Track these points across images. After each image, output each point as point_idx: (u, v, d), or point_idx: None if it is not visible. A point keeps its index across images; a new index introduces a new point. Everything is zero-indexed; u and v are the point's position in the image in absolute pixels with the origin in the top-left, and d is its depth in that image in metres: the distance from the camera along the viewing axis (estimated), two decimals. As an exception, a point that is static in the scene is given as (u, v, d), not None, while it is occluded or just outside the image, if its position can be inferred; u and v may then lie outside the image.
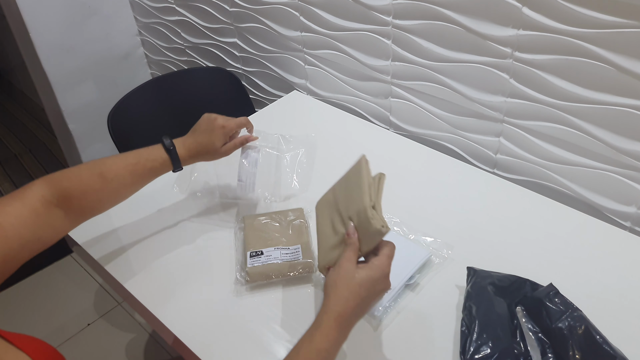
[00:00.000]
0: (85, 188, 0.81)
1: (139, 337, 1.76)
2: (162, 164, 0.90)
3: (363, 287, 0.67)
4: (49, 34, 1.73)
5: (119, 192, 0.86)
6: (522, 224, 1.00)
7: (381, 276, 0.69)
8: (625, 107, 0.91)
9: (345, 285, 0.67)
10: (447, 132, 1.22)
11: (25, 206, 0.74)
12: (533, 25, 0.95)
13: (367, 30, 1.23)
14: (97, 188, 0.82)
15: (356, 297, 0.67)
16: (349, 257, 0.70)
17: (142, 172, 0.88)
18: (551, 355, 0.72)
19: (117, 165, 0.85)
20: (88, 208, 0.83)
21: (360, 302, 0.67)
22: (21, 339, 0.62)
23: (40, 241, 0.75)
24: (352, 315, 0.67)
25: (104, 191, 0.83)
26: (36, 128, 2.87)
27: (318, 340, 0.65)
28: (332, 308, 0.66)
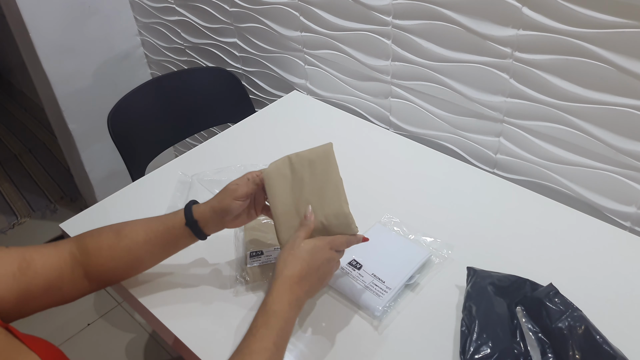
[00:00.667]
0: (100, 244, 0.80)
1: (139, 337, 1.76)
2: (175, 219, 0.82)
3: (306, 251, 0.74)
4: (49, 34, 1.73)
5: (132, 250, 0.81)
6: (522, 223, 1.00)
7: (325, 245, 0.75)
8: (625, 107, 0.91)
9: (291, 252, 0.74)
10: (447, 132, 1.22)
11: (57, 253, 0.77)
12: (533, 25, 0.95)
13: (367, 30, 1.23)
14: (111, 244, 0.80)
15: (302, 261, 0.73)
16: (299, 235, 0.76)
17: (155, 228, 0.82)
18: (551, 355, 0.72)
19: (134, 222, 0.83)
20: (103, 266, 0.80)
21: (307, 266, 0.73)
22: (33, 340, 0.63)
23: (61, 292, 0.77)
24: (301, 278, 0.72)
25: (117, 248, 0.80)
26: (36, 128, 2.87)
27: (270, 303, 0.70)
28: (280, 272, 0.72)
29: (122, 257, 0.81)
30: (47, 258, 0.75)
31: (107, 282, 0.84)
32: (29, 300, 0.72)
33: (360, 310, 0.84)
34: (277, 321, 0.69)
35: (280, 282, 0.72)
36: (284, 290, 0.71)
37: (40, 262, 0.74)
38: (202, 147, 1.27)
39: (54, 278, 0.75)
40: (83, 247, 0.79)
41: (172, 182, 1.15)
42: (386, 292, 0.84)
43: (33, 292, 0.72)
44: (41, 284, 0.73)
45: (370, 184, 1.11)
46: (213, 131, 1.84)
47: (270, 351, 0.67)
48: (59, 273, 0.76)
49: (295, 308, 0.72)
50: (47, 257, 0.75)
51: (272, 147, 1.25)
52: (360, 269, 0.89)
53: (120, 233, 0.81)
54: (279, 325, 0.69)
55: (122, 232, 0.81)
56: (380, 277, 0.87)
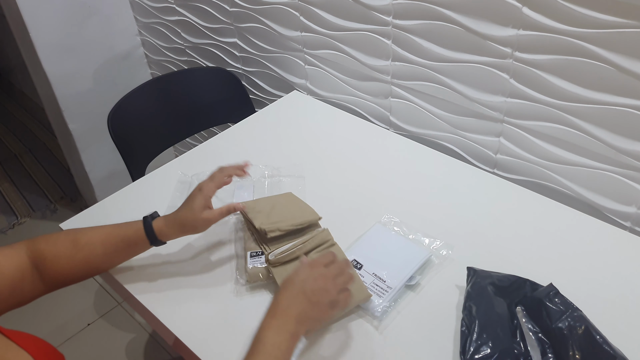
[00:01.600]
0: (57, 253, 0.80)
1: (139, 337, 1.76)
2: (135, 233, 0.85)
3: (292, 281, 0.73)
4: (49, 34, 1.73)
5: (90, 261, 0.83)
6: (522, 224, 1.00)
7: (301, 266, 0.75)
8: (625, 107, 0.91)
9: (281, 289, 0.73)
10: (447, 132, 1.22)
11: (17, 253, 0.77)
12: (533, 25, 0.95)
13: (367, 30, 1.23)
14: (68, 254, 0.81)
15: (286, 289, 0.72)
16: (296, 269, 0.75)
17: (115, 242, 0.84)
18: (551, 355, 0.72)
19: (92, 233, 0.84)
20: (60, 274, 0.81)
21: (291, 290, 0.72)
22: (22, 337, 0.62)
23: (23, 294, 0.77)
24: (287, 305, 0.70)
25: (74, 258, 0.81)
26: (36, 128, 2.87)
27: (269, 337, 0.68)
28: (270, 306, 0.72)
29: (80, 266, 0.83)
30: (9, 259, 0.75)
31: (62, 284, 0.84)
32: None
33: (361, 310, 0.84)
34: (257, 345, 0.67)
35: (269, 312, 0.71)
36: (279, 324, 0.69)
37: (4, 263, 0.73)
38: (202, 147, 1.27)
39: (18, 279, 0.75)
40: (38, 253, 0.79)
41: (172, 182, 1.15)
42: (387, 292, 0.84)
43: (1, 296, 0.72)
44: (7, 284, 0.73)
45: (370, 184, 1.11)
46: (213, 131, 1.84)
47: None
48: (22, 274, 0.76)
49: (286, 331, 0.69)
50: (8, 258, 0.75)
51: (272, 147, 1.25)
52: (360, 269, 0.89)
53: (77, 244, 0.82)
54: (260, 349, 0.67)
55: (80, 242, 0.82)
56: (380, 277, 0.87)
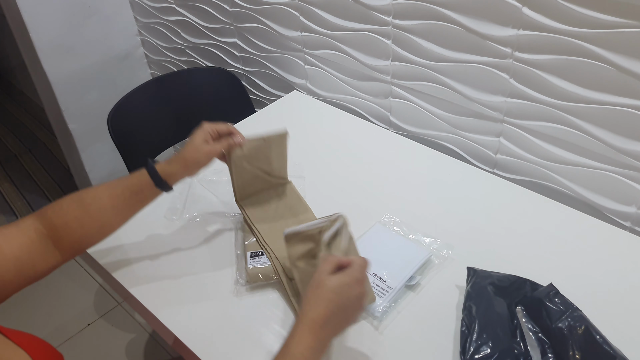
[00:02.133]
0: (65, 217, 0.79)
1: (139, 337, 1.76)
2: (139, 179, 0.85)
3: (334, 292, 0.67)
4: (49, 34, 1.73)
5: (100, 217, 0.82)
6: (522, 223, 1.00)
7: (352, 281, 0.68)
8: (625, 107, 0.91)
9: (316, 292, 0.68)
10: (447, 132, 1.22)
11: (22, 233, 0.75)
12: (533, 25, 0.95)
13: (367, 30, 1.23)
14: (77, 215, 0.80)
15: (328, 303, 0.66)
16: (324, 269, 0.70)
17: (121, 192, 0.83)
18: (551, 355, 0.72)
19: (96, 190, 0.83)
20: (74, 238, 0.80)
21: (334, 307, 0.66)
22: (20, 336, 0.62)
23: (35, 269, 0.76)
24: (326, 321, 0.66)
25: (84, 218, 0.80)
26: (36, 128, 2.87)
27: (292, 346, 0.65)
28: (304, 315, 0.67)
29: (91, 225, 0.81)
30: (11, 239, 0.73)
31: (79, 250, 0.83)
32: (4, 285, 0.71)
33: (361, 310, 0.84)
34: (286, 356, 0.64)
35: (303, 324, 0.66)
36: (306, 333, 0.65)
37: (5, 244, 0.72)
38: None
39: (25, 257, 0.74)
40: (48, 223, 0.78)
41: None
42: (387, 291, 0.84)
43: (5, 277, 0.71)
44: (12, 266, 0.72)
45: (370, 183, 1.11)
46: (213, 131, 1.84)
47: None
48: (29, 250, 0.74)
49: (318, 352, 0.66)
50: (11, 238, 0.74)
51: (272, 147, 1.25)
52: (360, 269, 0.89)
53: (83, 202, 0.81)
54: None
55: (86, 201, 0.81)
56: (381, 277, 0.87)
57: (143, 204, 0.87)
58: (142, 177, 0.84)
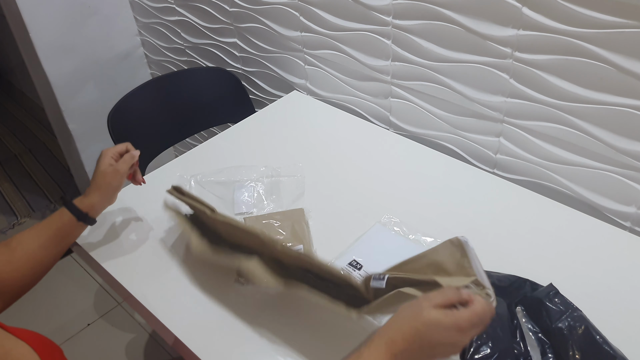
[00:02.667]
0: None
1: (139, 337, 1.76)
2: (60, 215, 0.88)
3: (425, 325, 0.60)
4: (49, 34, 1.73)
5: (29, 257, 0.84)
6: (521, 223, 1.00)
7: (451, 325, 0.59)
8: (625, 107, 0.91)
9: (408, 316, 0.62)
10: (447, 132, 1.22)
11: None
12: (533, 26, 0.95)
13: (367, 31, 1.23)
14: (6, 259, 0.81)
15: (414, 332, 0.60)
16: (431, 296, 0.63)
17: (45, 232, 0.86)
18: (551, 355, 0.72)
19: (21, 235, 0.85)
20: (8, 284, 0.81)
21: (418, 339, 0.60)
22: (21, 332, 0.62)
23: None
24: (404, 349, 0.60)
25: (13, 260, 0.82)
26: (36, 128, 2.87)
27: (365, 356, 0.61)
28: (386, 331, 0.62)
29: (23, 266, 0.83)
30: None
31: (14, 296, 0.83)
32: None
33: (360, 310, 0.84)
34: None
35: (382, 340, 0.61)
36: (380, 351, 0.61)
37: None
38: (202, 147, 1.27)
39: None
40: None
41: (171, 182, 1.15)
42: (386, 292, 0.84)
43: None
44: None
45: (370, 184, 1.11)
46: (213, 131, 1.84)
47: None
48: None
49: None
50: None
51: (271, 147, 1.25)
52: (360, 270, 0.89)
53: (10, 245, 0.83)
54: None
55: (12, 244, 0.83)
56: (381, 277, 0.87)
57: (71, 239, 0.91)
58: (64, 216, 0.88)
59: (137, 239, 1.01)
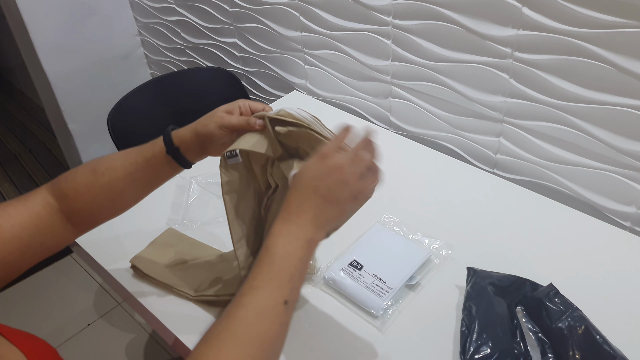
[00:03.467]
0: (77, 186, 0.74)
1: (139, 338, 1.76)
2: (153, 146, 0.77)
3: (298, 175, 0.61)
4: (49, 34, 1.73)
5: (112, 187, 0.75)
6: (522, 223, 0.99)
7: (316, 159, 0.61)
8: (625, 107, 0.91)
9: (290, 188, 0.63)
10: (447, 132, 1.22)
11: (27, 209, 0.71)
12: (533, 25, 0.95)
13: (367, 31, 1.23)
14: (88, 184, 0.74)
15: (296, 188, 0.61)
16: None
17: (134, 160, 0.76)
18: (551, 355, 0.72)
19: (111, 158, 0.77)
20: (85, 208, 0.75)
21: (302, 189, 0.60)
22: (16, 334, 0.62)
23: (44, 246, 0.72)
24: (299, 206, 0.60)
25: (95, 187, 0.74)
26: (36, 128, 2.87)
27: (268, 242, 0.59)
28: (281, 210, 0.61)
29: (103, 195, 0.75)
30: (15, 217, 0.69)
31: (92, 224, 0.78)
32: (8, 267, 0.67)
33: (361, 311, 0.84)
34: (268, 256, 0.58)
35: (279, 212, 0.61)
36: (277, 220, 0.60)
37: (7, 226, 0.68)
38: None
39: (28, 237, 0.69)
40: (59, 192, 0.73)
41: (171, 182, 1.15)
42: (387, 292, 0.84)
43: (8, 258, 0.67)
44: (15, 249, 0.68)
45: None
46: (213, 131, 1.84)
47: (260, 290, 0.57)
48: (35, 229, 0.70)
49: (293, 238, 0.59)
50: (15, 216, 0.69)
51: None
52: (361, 270, 0.89)
53: (97, 171, 0.75)
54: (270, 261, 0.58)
55: (99, 169, 0.75)
56: (381, 277, 0.87)
57: (158, 176, 0.79)
58: (156, 146, 0.77)
59: (137, 239, 1.00)
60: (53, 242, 0.73)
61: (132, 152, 0.77)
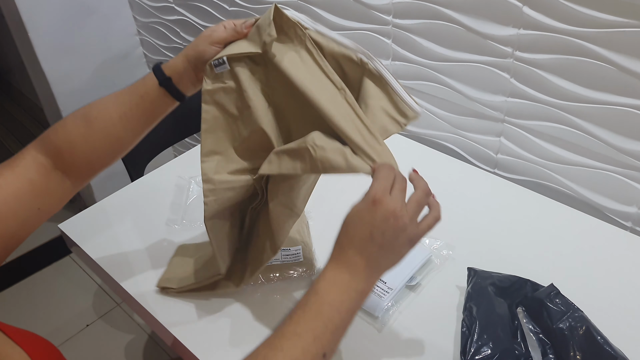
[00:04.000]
0: (71, 137, 0.71)
1: (138, 338, 1.76)
2: (144, 80, 0.74)
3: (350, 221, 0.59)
4: (48, 34, 1.73)
5: (109, 132, 0.72)
6: (522, 224, 0.99)
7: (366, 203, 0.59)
8: (626, 107, 0.91)
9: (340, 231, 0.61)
10: (448, 131, 1.22)
11: (18, 177, 0.67)
12: (534, 25, 0.95)
13: (367, 30, 1.22)
14: (83, 132, 0.71)
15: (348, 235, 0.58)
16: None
17: (128, 100, 0.73)
18: (552, 355, 0.72)
19: (102, 101, 0.73)
20: (82, 159, 0.72)
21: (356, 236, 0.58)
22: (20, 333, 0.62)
23: (42, 211, 0.68)
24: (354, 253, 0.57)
25: (90, 135, 0.71)
26: (35, 128, 2.87)
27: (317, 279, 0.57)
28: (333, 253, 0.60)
29: (100, 142, 0.72)
30: (6, 190, 0.65)
31: (91, 174, 0.75)
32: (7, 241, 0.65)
33: (361, 311, 0.84)
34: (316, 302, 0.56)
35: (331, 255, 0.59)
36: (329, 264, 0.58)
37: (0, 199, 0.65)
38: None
39: (25, 207, 0.66)
40: (51, 148, 0.70)
41: (171, 182, 1.15)
42: (387, 292, 0.84)
43: (5, 234, 0.64)
44: (12, 223, 0.65)
45: (370, 184, 1.11)
46: (212, 131, 1.83)
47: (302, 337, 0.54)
48: (30, 197, 0.67)
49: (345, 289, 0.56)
50: (5, 189, 0.65)
51: (271, 147, 1.24)
52: (360, 270, 0.88)
53: (89, 117, 0.72)
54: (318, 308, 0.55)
55: (91, 115, 0.72)
56: (381, 277, 0.86)
57: (153, 113, 0.76)
58: (148, 81, 0.74)
59: (136, 239, 1.00)
60: (52, 204, 0.70)
61: (124, 93, 0.74)
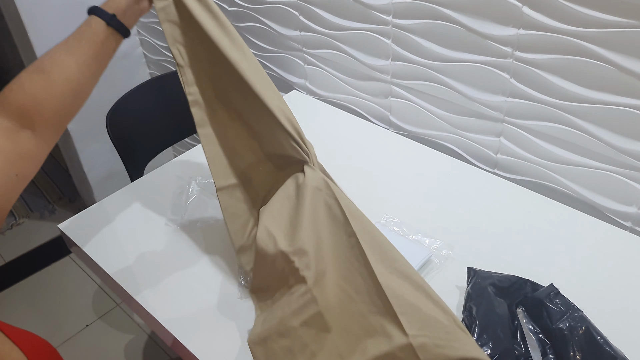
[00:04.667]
0: (32, 91, 0.70)
1: (138, 338, 1.76)
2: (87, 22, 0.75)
3: None
4: (48, 34, 1.72)
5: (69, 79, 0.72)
6: (522, 224, 0.99)
7: None
8: (626, 107, 0.91)
9: None
10: (448, 132, 1.22)
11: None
12: (533, 25, 0.95)
13: (367, 30, 1.22)
14: (43, 84, 0.70)
15: None
16: None
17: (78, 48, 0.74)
18: (552, 355, 0.72)
19: (51, 53, 0.73)
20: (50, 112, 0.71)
21: None
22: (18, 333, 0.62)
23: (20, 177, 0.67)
24: None
25: (51, 85, 0.71)
26: (35, 128, 2.86)
27: None
28: None
29: (63, 89, 0.72)
30: None
31: (60, 127, 0.74)
32: None
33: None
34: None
35: None
36: None
37: None
38: (201, 147, 1.26)
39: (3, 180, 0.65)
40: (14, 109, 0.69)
41: (171, 182, 1.15)
42: (386, 292, 0.84)
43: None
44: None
45: (370, 184, 1.11)
46: (212, 131, 1.83)
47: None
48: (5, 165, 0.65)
49: None
50: None
51: (271, 147, 1.24)
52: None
53: (44, 69, 0.72)
54: None
55: (45, 67, 0.72)
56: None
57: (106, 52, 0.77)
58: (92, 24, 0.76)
59: (135, 239, 1.00)
60: (29, 167, 0.69)
61: (70, 41, 0.75)
